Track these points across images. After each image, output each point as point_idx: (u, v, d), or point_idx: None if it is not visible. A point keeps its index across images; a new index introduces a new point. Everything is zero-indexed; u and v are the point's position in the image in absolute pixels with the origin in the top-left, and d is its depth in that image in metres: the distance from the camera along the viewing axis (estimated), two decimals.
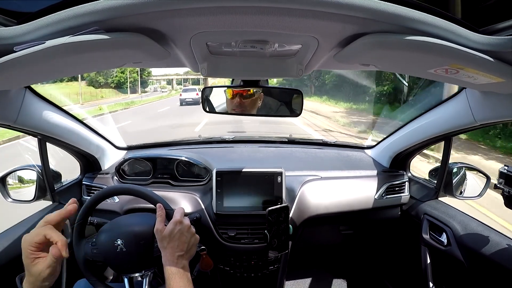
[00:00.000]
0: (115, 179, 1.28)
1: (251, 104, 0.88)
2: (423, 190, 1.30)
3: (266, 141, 1.69)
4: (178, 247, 0.71)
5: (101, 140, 1.35)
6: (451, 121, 0.98)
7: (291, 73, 0.67)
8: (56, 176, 1.24)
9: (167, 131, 7.51)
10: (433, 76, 0.57)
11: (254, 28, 0.45)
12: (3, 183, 1.10)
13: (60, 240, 0.54)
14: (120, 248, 0.79)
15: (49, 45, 0.41)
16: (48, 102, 0.96)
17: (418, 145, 1.23)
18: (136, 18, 0.41)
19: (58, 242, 0.54)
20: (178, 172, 1.29)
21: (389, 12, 0.39)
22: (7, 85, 0.68)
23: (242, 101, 0.88)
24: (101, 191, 0.86)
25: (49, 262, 0.53)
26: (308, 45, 0.53)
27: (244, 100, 0.88)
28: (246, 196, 1.12)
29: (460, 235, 1.04)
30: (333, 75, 14.74)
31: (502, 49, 0.44)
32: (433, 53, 0.45)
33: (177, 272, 0.68)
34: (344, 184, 1.29)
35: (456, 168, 1.18)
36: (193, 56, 0.60)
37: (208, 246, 0.94)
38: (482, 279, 0.97)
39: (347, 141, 1.80)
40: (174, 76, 43.91)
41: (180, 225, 0.73)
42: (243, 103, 0.88)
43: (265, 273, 1.17)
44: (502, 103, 0.73)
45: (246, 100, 0.88)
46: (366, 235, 1.45)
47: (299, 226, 1.18)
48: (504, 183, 0.84)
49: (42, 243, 0.54)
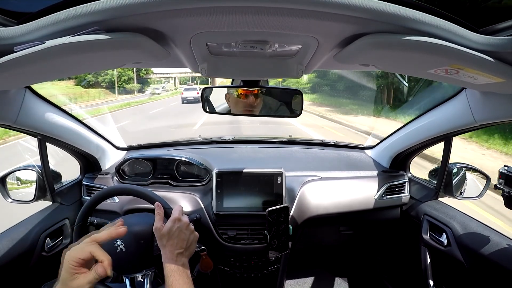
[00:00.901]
0: (115, 180, 1.28)
1: (259, 104, 0.89)
2: (423, 191, 1.30)
3: (266, 141, 1.69)
4: (177, 244, 0.71)
5: (101, 140, 1.35)
6: (451, 121, 0.98)
7: (291, 73, 0.67)
8: (56, 176, 1.24)
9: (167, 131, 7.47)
10: (433, 76, 0.57)
11: (254, 28, 0.45)
12: (3, 183, 1.10)
13: (107, 260, 0.55)
14: (120, 248, 0.79)
15: (49, 45, 0.41)
16: (48, 102, 0.96)
17: (418, 146, 1.23)
18: (136, 18, 0.41)
19: (104, 261, 0.54)
20: (178, 172, 1.29)
21: (389, 12, 0.39)
22: (7, 85, 0.68)
23: (254, 100, 0.88)
24: (101, 192, 0.86)
25: (91, 279, 0.53)
26: (308, 45, 0.53)
27: (257, 99, 0.88)
28: (246, 196, 1.12)
29: (460, 236, 1.04)
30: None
31: (502, 49, 0.44)
32: (433, 53, 0.45)
33: (176, 269, 0.68)
34: (344, 185, 1.29)
35: (456, 169, 1.18)
36: (193, 56, 0.60)
37: (208, 246, 0.94)
38: (482, 280, 0.97)
39: (347, 141, 1.80)
40: (177, 74, 41.14)
41: (179, 223, 0.73)
42: (253, 102, 0.88)
43: (265, 274, 1.17)
44: (502, 103, 0.73)
45: (258, 99, 0.88)
46: (366, 235, 1.45)
47: (299, 226, 1.18)
48: (504, 184, 0.84)
49: (86, 260, 0.55)
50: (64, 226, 1.16)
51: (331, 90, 15.10)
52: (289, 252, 1.13)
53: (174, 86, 39.90)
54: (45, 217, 1.11)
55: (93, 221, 0.91)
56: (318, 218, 1.20)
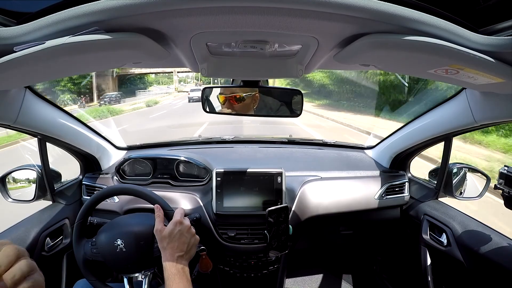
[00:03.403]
0: (115, 179, 1.28)
1: (244, 108, 0.88)
2: (423, 191, 1.30)
3: (266, 141, 1.69)
4: (178, 247, 0.71)
5: (101, 140, 1.35)
6: (451, 122, 0.98)
7: (291, 73, 0.67)
8: (56, 176, 1.24)
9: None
10: (433, 76, 0.57)
11: (254, 28, 0.45)
12: (3, 183, 1.10)
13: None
14: (120, 248, 0.79)
15: (49, 45, 0.41)
16: (48, 102, 0.96)
17: (418, 146, 1.23)
18: (136, 18, 0.41)
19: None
20: (178, 172, 1.29)
21: (389, 13, 0.39)
22: (7, 85, 0.68)
23: (234, 106, 0.88)
24: (101, 191, 0.86)
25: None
26: (308, 45, 0.53)
27: (236, 105, 0.88)
28: (246, 196, 1.12)
29: (460, 236, 1.04)
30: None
31: (502, 49, 0.44)
32: (433, 53, 0.45)
33: (176, 272, 0.68)
34: (344, 185, 1.29)
35: (456, 169, 1.18)
36: (193, 56, 0.60)
37: (208, 246, 0.94)
38: (482, 279, 0.97)
39: (347, 141, 1.80)
40: (177, 73, 31.67)
41: (180, 226, 0.73)
42: (235, 107, 0.88)
43: (265, 273, 1.17)
44: (502, 103, 0.73)
45: (238, 104, 0.88)
46: (366, 235, 1.45)
47: (299, 226, 1.18)
48: (504, 184, 0.84)
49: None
50: (64, 225, 1.16)
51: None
52: (289, 252, 1.13)
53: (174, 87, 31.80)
54: (45, 217, 1.12)
55: (93, 220, 0.91)
56: (318, 218, 1.20)
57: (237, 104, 0.88)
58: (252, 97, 0.87)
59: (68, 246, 1.15)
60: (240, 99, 0.87)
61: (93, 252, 0.81)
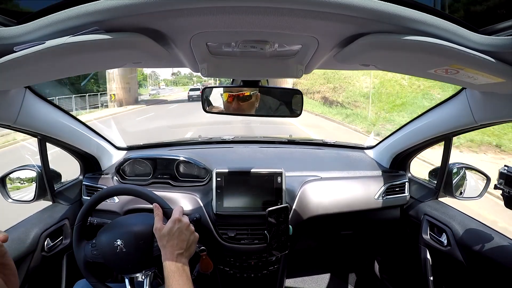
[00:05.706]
0: (115, 180, 1.28)
1: (249, 107, 0.88)
2: (423, 191, 1.30)
3: (266, 141, 1.69)
4: (177, 245, 0.71)
5: (101, 140, 1.35)
6: (451, 122, 0.98)
7: (291, 73, 0.67)
8: (56, 176, 1.24)
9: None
10: (433, 76, 0.57)
11: (254, 28, 0.45)
12: (3, 183, 1.10)
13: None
14: (120, 248, 0.79)
15: (49, 45, 0.41)
16: (48, 102, 0.96)
17: (418, 146, 1.23)
18: (136, 18, 0.41)
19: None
20: (178, 172, 1.28)
21: (389, 12, 0.39)
22: (7, 85, 0.68)
23: (239, 104, 0.88)
24: (101, 192, 0.86)
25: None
26: (308, 45, 0.53)
27: (242, 103, 0.88)
28: (246, 196, 1.12)
29: (460, 236, 1.04)
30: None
31: (502, 49, 0.44)
32: (433, 53, 0.45)
33: (176, 270, 0.68)
34: (344, 185, 1.29)
35: (456, 169, 1.18)
36: (193, 56, 0.60)
37: (208, 246, 0.94)
38: (482, 279, 0.97)
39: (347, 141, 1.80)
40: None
41: (179, 223, 0.73)
42: (240, 106, 0.88)
43: (265, 274, 1.17)
44: (502, 103, 0.73)
45: (243, 103, 0.88)
46: (366, 235, 1.44)
47: (299, 226, 1.18)
48: (504, 184, 0.84)
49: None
50: (64, 226, 1.16)
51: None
52: (289, 252, 1.13)
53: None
54: (45, 217, 1.12)
55: (93, 221, 0.91)
56: (318, 218, 1.20)
57: (237, 104, 0.88)
58: (255, 96, 0.87)
59: (68, 247, 1.15)
60: (242, 99, 0.87)
61: (94, 254, 0.81)
